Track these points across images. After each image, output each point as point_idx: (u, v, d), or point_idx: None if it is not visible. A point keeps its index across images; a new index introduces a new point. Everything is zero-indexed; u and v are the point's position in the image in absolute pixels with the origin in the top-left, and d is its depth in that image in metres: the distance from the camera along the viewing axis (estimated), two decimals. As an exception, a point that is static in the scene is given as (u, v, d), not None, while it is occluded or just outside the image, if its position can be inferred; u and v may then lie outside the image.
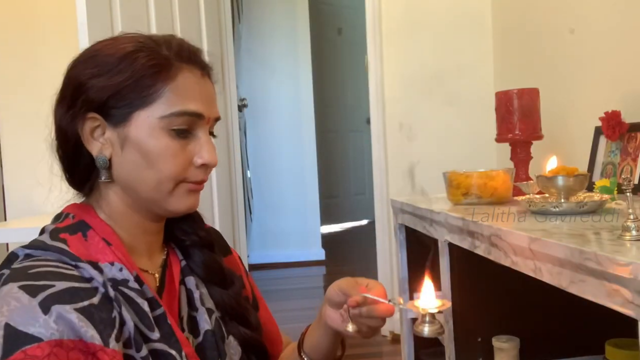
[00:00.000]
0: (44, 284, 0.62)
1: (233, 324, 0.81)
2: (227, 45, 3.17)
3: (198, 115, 0.72)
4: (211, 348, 0.75)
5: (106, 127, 0.71)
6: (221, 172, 2.94)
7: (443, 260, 1.22)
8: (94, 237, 0.71)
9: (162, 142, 0.70)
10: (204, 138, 0.74)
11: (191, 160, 0.73)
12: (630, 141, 1.41)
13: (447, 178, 1.33)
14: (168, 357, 0.68)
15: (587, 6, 1.74)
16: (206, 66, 0.76)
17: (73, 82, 0.71)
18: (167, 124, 0.70)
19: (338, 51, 4.93)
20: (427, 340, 1.62)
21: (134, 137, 0.70)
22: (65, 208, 0.76)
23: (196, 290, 0.79)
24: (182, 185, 0.73)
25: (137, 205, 0.74)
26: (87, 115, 0.70)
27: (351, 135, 5.05)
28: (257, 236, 4.14)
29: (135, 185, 0.72)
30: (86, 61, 0.72)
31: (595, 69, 1.72)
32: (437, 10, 2.52)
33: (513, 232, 0.86)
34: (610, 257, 0.62)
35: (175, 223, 0.81)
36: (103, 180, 0.72)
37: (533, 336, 1.20)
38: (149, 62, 0.70)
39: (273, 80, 4.10)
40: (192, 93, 0.72)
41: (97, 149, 0.71)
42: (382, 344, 2.59)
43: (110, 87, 0.69)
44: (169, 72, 0.70)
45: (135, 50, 0.70)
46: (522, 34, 2.27)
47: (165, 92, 0.70)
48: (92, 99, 0.70)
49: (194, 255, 0.81)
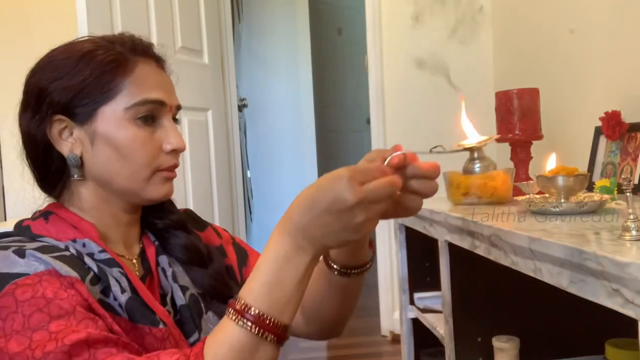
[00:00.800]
0: (14, 244, 0.67)
1: (214, 302, 0.82)
2: (227, 45, 3.17)
3: (160, 102, 0.75)
4: (188, 322, 0.77)
5: (73, 126, 0.74)
6: (221, 172, 2.94)
7: (443, 260, 1.22)
8: (56, 220, 0.74)
9: (130, 132, 0.73)
10: (169, 125, 0.77)
11: (160, 147, 0.76)
12: (630, 141, 1.41)
13: (447, 178, 1.33)
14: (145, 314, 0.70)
15: (587, 6, 1.74)
16: (159, 58, 0.79)
17: (35, 89, 0.74)
18: (133, 114, 0.73)
19: (338, 51, 4.92)
20: (427, 340, 1.62)
21: (102, 131, 0.73)
22: None
23: (169, 268, 0.80)
24: (157, 174, 0.76)
25: (113, 197, 0.76)
26: (53, 118, 0.73)
27: (351, 135, 5.05)
28: (257, 236, 4.14)
29: (110, 178, 0.75)
30: (44, 67, 0.74)
31: (595, 69, 1.72)
32: (437, 11, 2.52)
33: (513, 232, 0.86)
34: (610, 257, 0.62)
35: (148, 212, 0.83)
36: (75, 178, 0.75)
37: (533, 336, 1.20)
38: (106, 58, 0.73)
39: (273, 80, 4.10)
40: (150, 83, 0.75)
41: (67, 148, 0.74)
42: (382, 344, 2.59)
43: (72, 87, 0.72)
44: (126, 66, 0.74)
45: (92, 50, 0.74)
46: (522, 34, 2.27)
47: (125, 85, 0.73)
48: (56, 102, 0.73)
49: (170, 238, 0.83)
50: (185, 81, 1.97)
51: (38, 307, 0.61)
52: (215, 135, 2.88)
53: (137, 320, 0.69)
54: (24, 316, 0.60)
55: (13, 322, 0.60)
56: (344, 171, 0.60)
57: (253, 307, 0.59)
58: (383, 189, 0.60)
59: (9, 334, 0.59)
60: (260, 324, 0.59)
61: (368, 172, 0.61)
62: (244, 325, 0.59)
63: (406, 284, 1.66)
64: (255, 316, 0.59)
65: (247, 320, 0.59)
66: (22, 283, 0.62)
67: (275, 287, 0.60)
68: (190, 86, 2.43)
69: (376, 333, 2.66)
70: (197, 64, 2.69)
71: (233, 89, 3.19)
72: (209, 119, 2.83)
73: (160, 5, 2.39)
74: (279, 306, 0.60)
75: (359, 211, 0.59)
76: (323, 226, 0.60)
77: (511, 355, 1.15)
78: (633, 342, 0.88)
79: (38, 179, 0.78)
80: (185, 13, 2.58)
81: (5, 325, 0.60)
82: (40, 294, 0.61)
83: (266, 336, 0.59)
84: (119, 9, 2.11)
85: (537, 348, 1.20)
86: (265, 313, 0.59)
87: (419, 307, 1.59)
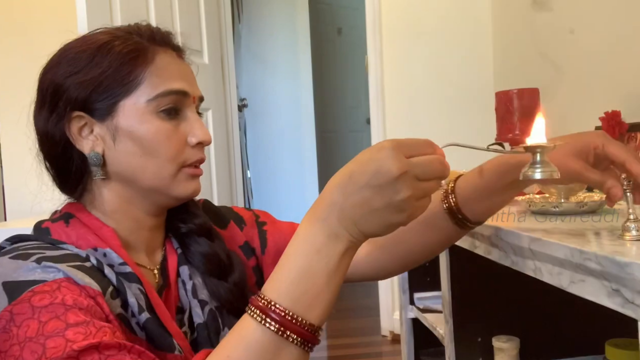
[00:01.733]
0: (34, 252, 0.63)
1: (231, 318, 0.77)
2: (227, 45, 3.17)
3: (183, 93, 0.71)
4: (204, 342, 0.72)
5: (93, 123, 0.69)
6: (221, 172, 2.94)
7: (443, 260, 1.22)
8: (77, 225, 0.70)
9: (153, 125, 0.69)
10: (193, 117, 0.73)
11: (185, 141, 0.72)
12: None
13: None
14: (162, 336, 0.66)
15: (587, 6, 1.74)
16: (179, 47, 0.76)
17: (50, 86, 0.70)
18: (155, 107, 0.69)
19: (338, 51, 4.92)
20: (427, 340, 1.62)
21: (124, 126, 0.69)
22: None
23: (189, 281, 0.75)
24: (183, 171, 0.72)
25: (137, 198, 0.72)
26: (72, 115, 0.69)
27: (351, 136, 5.04)
28: (257, 236, 4.14)
29: (134, 176, 0.70)
30: (59, 63, 0.70)
31: (595, 69, 1.72)
32: (437, 11, 2.52)
33: (513, 232, 0.86)
34: (610, 257, 0.62)
35: (172, 215, 0.79)
36: (98, 177, 0.70)
37: (533, 336, 1.20)
38: (124, 49, 0.69)
39: (273, 80, 4.10)
40: (172, 73, 0.71)
41: (88, 146, 0.70)
42: (382, 344, 2.59)
43: (90, 81, 0.68)
44: (146, 56, 0.70)
45: (109, 41, 0.70)
46: (522, 34, 2.27)
47: (146, 76, 0.69)
48: (73, 98, 0.68)
49: (191, 245, 0.78)
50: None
51: (56, 314, 0.56)
52: (215, 135, 2.88)
53: (154, 345, 0.65)
54: (39, 322, 0.56)
55: (27, 328, 0.56)
56: (388, 141, 0.54)
57: (274, 303, 0.52)
58: (432, 165, 0.54)
59: (23, 342, 0.55)
60: (282, 322, 0.52)
61: (416, 146, 0.55)
62: (261, 321, 0.52)
63: (406, 284, 1.66)
64: (276, 312, 0.52)
65: (266, 316, 0.52)
66: (40, 290, 0.58)
67: (301, 280, 0.53)
68: (190, 86, 2.43)
69: (376, 333, 2.67)
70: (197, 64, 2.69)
71: (233, 89, 3.19)
72: (209, 119, 2.83)
73: (160, 5, 2.39)
74: (306, 302, 0.52)
75: (403, 185, 0.52)
76: (362, 204, 0.53)
77: (511, 355, 1.15)
78: (633, 342, 0.88)
79: (58, 181, 0.74)
80: (185, 13, 2.58)
81: (19, 333, 0.56)
82: (59, 300, 0.57)
83: (288, 336, 0.52)
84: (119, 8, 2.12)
85: (537, 348, 1.20)
86: (287, 309, 0.52)
87: (419, 307, 1.59)
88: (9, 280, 0.59)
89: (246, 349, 0.52)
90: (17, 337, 0.55)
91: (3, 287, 0.59)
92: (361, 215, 0.53)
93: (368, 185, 0.53)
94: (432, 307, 1.55)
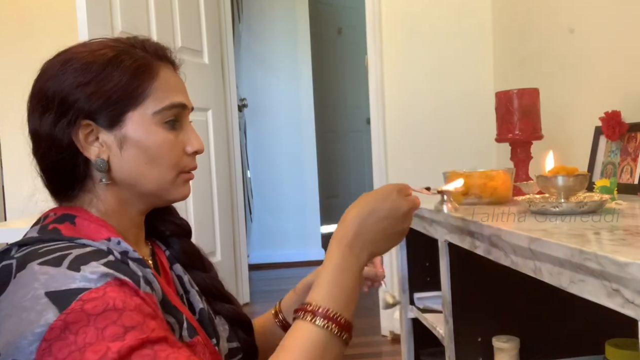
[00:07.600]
0: (60, 254, 0.64)
1: (217, 303, 0.86)
2: (227, 45, 3.17)
3: (183, 105, 0.78)
4: (207, 324, 0.79)
5: (99, 131, 0.73)
6: (221, 172, 2.94)
7: (443, 260, 1.22)
8: (82, 222, 0.73)
9: (159, 136, 0.75)
10: (189, 128, 0.80)
11: (184, 150, 0.79)
12: (630, 141, 1.41)
13: (447, 178, 1.33)
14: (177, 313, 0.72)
15: (587, 6, 1.74)
16: (174, 62, 0.82)
17: (57, 94, 0.72)
18: (160, 118, 0.75)
19: (338, 51, 4.92)
20: (427, 340, 1.62)
21: (132, 136, 0.74)
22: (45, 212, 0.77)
23: (184, 275, 0.84)
24: (181, 176, 0.79)
25: (134, 200, 0.77)
26: (80, 123, 0.72)
27: (351, 136, 5.05)
28: (257, 236, 4.14)
29: (136, 182, 0.76)
30: (64, 71, 0.73)
31: (595, 69, 1.72)
32: (437, 11, 2.52)
33: (513, 232, 0.86)
34: (610, 257, 0.62)
35: (153, 216, 0.85)
36: (103, 182, 0.74)
37: (533, 336, 1.20)
38: (133, 64, 0.74)
39: (273, 80, 4.10)
40: (174, 87, 0.78)
41: (95, 153, 0.74)
42: (382, 344, 2.59)
43: (102, 93, 0.72)
44: (152, 71, 0.75)
45: (117, 55, 0.74)
46: (522, 34, 2.27)
47: (152, 90, 0.75)
48: (85, 108, 0.72)
49: (174, 244, 0.86)
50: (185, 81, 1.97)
51: (112, 320, 0.60)
52: (215, 135, 2.88)
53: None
54: (97, 329, 0.59)
55: (86, 335, 0.58)
56: (393, 186, 0.78)
57: (321, 306, 0.69)
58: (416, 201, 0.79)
59: (82, 347, 0.58)
60: (329, 318, 0.68)
61: (405, 188, 0.79)
62: (312, 319, 0.68)
63: (406, 284, 1.66)
64: (323, 311, 0.68)
65: (316, 316, 0.68)
66: (88, 298, 0.60)
67: (336, 290, 0.71)
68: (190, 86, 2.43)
69: (376, 333, 2.66)
70: (197, 64, 2.69)
71: (233, 89, 3.19)
72: (209, 119, 2.84)
73: (160, 5, 2.39)
74: (342, 304, 0.70)
75: (408, 217, 0.77)
76: (381, 231, 0.75)
77: (511, 355, 1.15)
78: (633, 342, 0.88)
79: (56, 184, 0.76)
80: (185, 13, 2.58)
81: (77, 339, 0.58)
82: (111, 306, 0.60)
83: (332, 328, 0.68)
84: (119, 9, 2.12)
85: (537, 348, 1.20)
86: (331, 308, 0.69)
87: (419, 307, 1.59)
88: (52, 290, 0.61)
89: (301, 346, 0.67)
90: (75, 344, 0.58)
91: (48, 297, 0.60)
92: (379, 240, 0.76)
93: (386, 217, 0.76)
94: (432, 307, 1.55)
